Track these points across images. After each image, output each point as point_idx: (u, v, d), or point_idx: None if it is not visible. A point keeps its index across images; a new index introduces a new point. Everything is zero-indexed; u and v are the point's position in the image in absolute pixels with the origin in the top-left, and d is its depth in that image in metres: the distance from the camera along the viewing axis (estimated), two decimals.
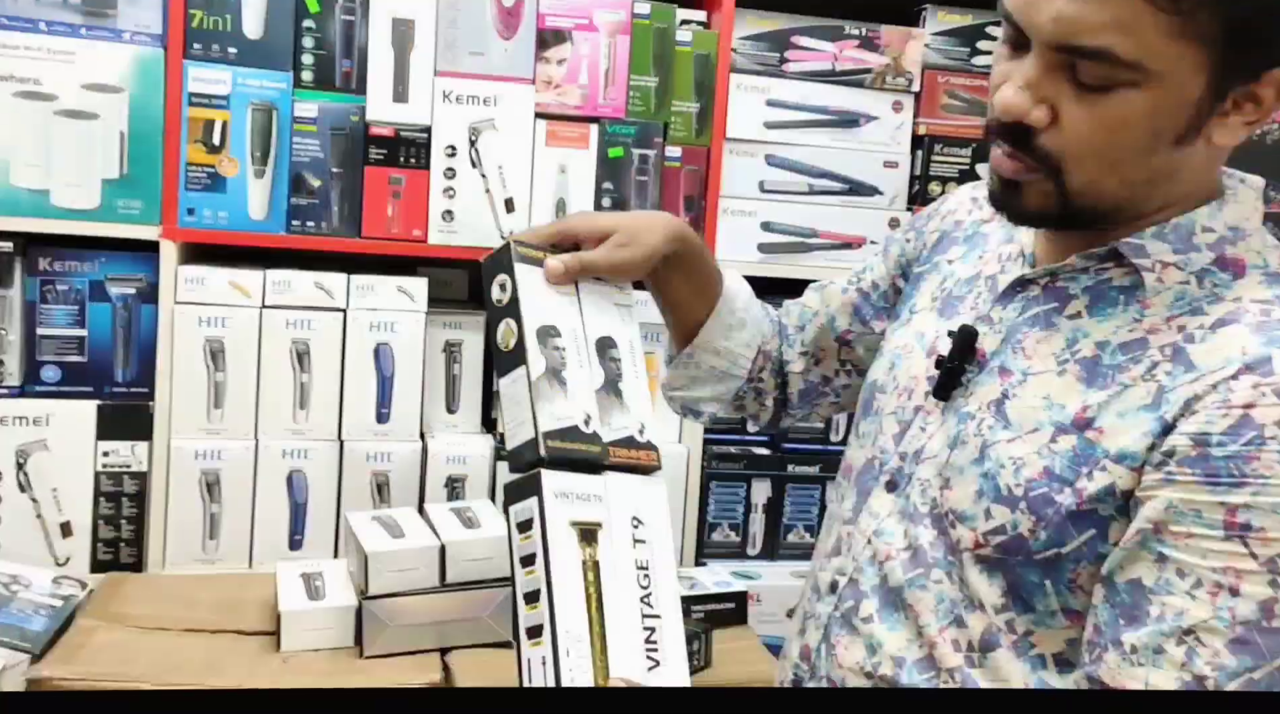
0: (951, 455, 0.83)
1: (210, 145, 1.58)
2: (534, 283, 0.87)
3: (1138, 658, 0.72)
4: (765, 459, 1.86)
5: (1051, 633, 0.79)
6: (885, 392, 0.94)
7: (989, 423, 0.82)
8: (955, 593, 0.82)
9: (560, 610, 0.77)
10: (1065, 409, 0.78)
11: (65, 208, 1.54)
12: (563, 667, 0.76)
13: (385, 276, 1.66)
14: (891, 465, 0.89)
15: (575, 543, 0.80)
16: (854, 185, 1.85)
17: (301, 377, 1.63)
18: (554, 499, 0.79)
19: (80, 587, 1.44)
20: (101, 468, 1.59)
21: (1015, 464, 0.79)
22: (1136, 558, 0.73)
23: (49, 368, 1.57)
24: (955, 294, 0.93)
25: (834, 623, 0.90)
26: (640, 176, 1.74)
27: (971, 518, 0.81)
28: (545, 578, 0.78)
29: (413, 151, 1.66)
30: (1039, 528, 0.77)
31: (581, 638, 0.77)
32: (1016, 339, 0.83)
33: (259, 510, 1.63)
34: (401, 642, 1.35)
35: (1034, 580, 0.78)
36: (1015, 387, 0.82)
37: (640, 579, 0.83)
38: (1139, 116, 0.72)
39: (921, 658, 0.83)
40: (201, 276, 1.59)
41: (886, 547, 0.87)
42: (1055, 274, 0.83)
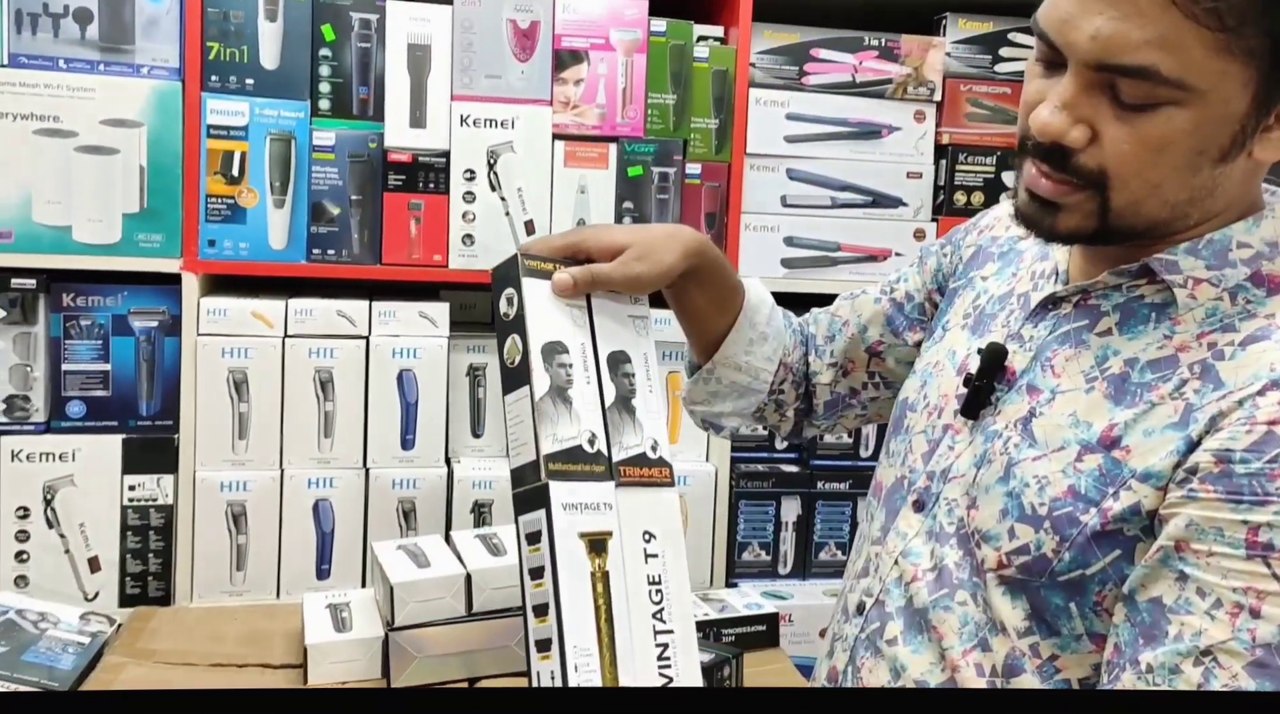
0: (978, 474, 0.82)
1: (229, 176, 1.58)
2: (542, 297, 0.86)
3: (1153, 678, 0.70)
4: (794, 476, 1.83)
5: (1077, 657, 0.77)
6: (915, 410, 0.92)
7: (1015, 441, 0.80)
8: (980, 615, 0.80)
9: (569, 624, 0.76)
10: (1092, 427, 0.76)
11: (87, 243, 1.54)
12: (571, 681, 0.75)
13: (407, 302, 1.66)
14: (919, 485, 0.88)
15: (584, 555, 0.79)
16: (877, 197, 1.82)
17: (325, 405, 1.63)
18: (562, 511, 0.78)
19: (108, 622, 1.44)
20: (128, 502, 1.58)
21: (1040, 483, 0.77)
22: (1157, 576, 0.71)
23: (74, 403, 1.58)
24: (988, 312, 0.91)
25: (860, 645, 0.88)
26: (661, 194, 1.72)
27: (995, 538, 0.79)
28: (554, 591, 0.77)
29: (431, 176, 1.65)
30: (1063, 548, 0.75)
31: (590, 651, 0.76)
32: (1046, 357, 0.82)
33: (285, 540, 1.63)
34: (429, 673, 1.33)
35: (1058, 603, 0.76)
36: (1043, 405, 0.80)
37: (652, 594, 0.82)
38: (1182, 135, 0.71)
39: (944, 681, 0.81)
40: (223, 308, 1.59)
41: (913, 567, 0.85)
42: (1087, 292, 0.82)
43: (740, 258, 1.76)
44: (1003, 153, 1.84)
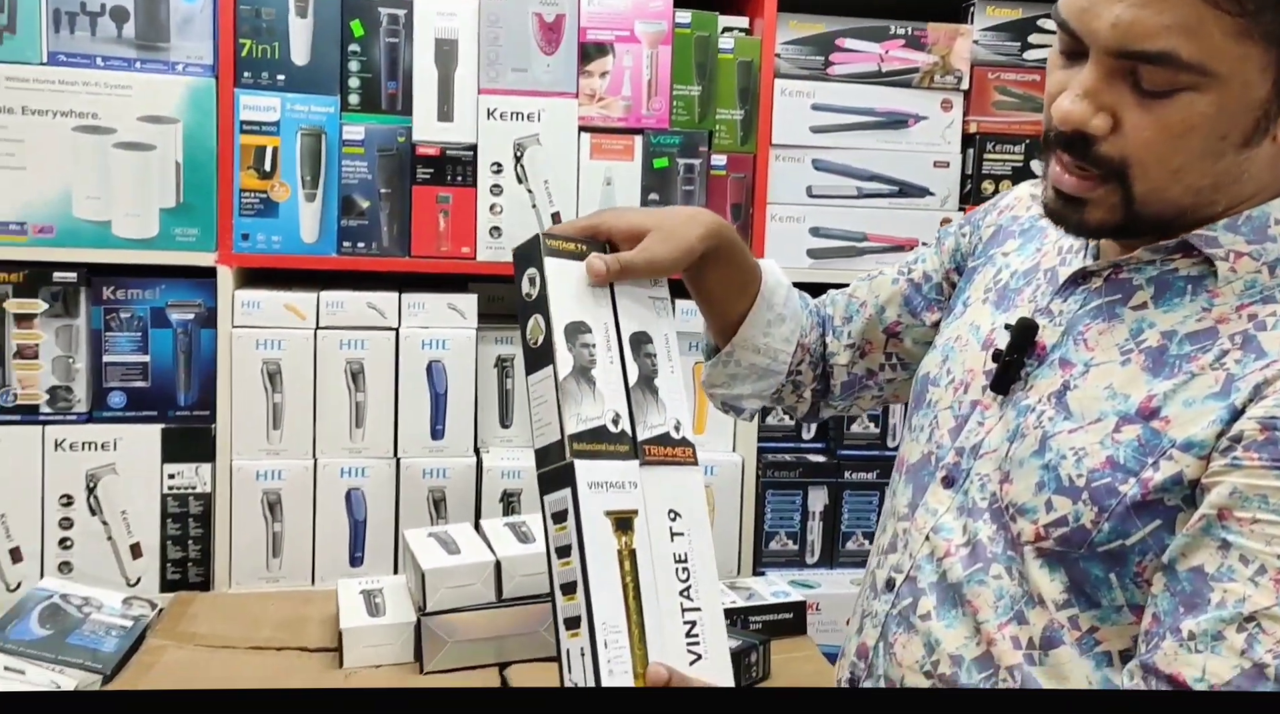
0: (1011, 449, 0.82)
1: (262, 171, 1.61)
2: (563, 277, 0.86)
3: (1196, 644, 0.70)
4: (821, 466, 1.84)
5: (1117, 629, 0.77)
6: (938, 385, 0.92)
7: (1049, 415, 0.80)
8: (1015, 589, 0.80)
9: (597, 602, 0.76)
10: (1130, 399, 0.76)
11: (126, 237, 1.58)
12: (601, 658, 0.75)
13: (436, 294, 1.68)
14: (948, 460, 0.88)
15: (610, 532, 0.79)
16: (904, 187, 1.82)
17: (357, 396, 1.66)
18: (588, 490, 0.79)
19: (150, 607, 1.48)
20: (168, 490, 1.63)
21: (1077, 454, 0.77)
22: (1199, 545, 0.71)
23: (115, 394, 1.62)
24: (1012, 287, 0.91)
25: (891, 621, 0.89)
26: (686, 186, 1.73)
27: (1032, 510, 0.79)
28: (581, 569, 0.77)
29: (459, 170, 1.67)
30: (1102, 519, 0.75)
31: (619, 628, 0.77)
32: (1078, 331, 0.82)
33: (319, 528, 1.66)
34: (460, 657, 1.36)
35: (1098, 574, 0.77)
36: (1077, 378, 0.80)
37: (679, 572, 0.82)
38: (1204, 120, 0.71)
39: (980, 655, 0.82)
40: (257, 300, 1.62)
41: (945, 543, 0.86)
42: (1119, 266, 0.82)
43: (766, 249, 1.77)
44: (1031, 141, 1.83)
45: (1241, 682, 0.68)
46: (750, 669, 1.42)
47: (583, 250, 0.88)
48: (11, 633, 1.29)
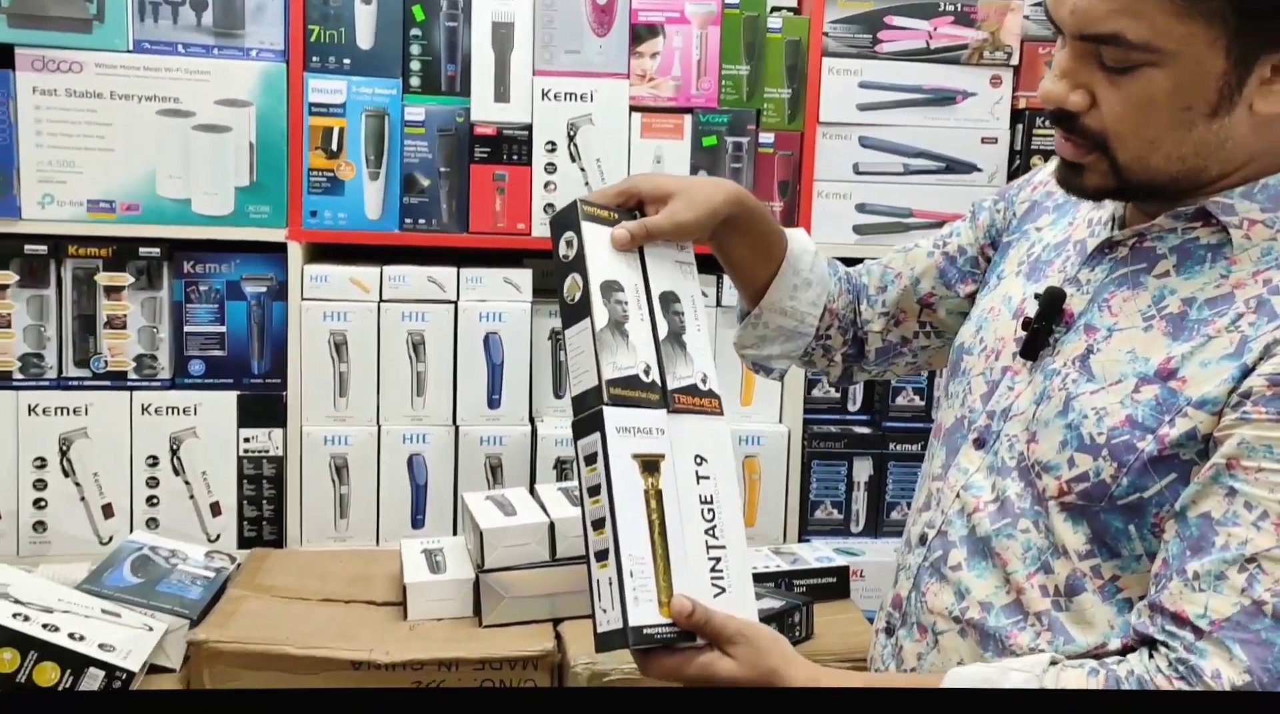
0: (1038, 411, 0.87)
1: (329, 151, 1.70)
2: (599, 240, 0.92)
3: (1199, 584, 0.75)
4: (867, 437, 1.88)
5: (1137, 577, 0.82)
6: (972, 353, 0.97)
7: (1073, 377, 0.85)
8: (1042, 541, 0.85)
9: (623, 535, 0.82)
10: (1150, 361, 0.81)
11: (204, 214, 1.68)
12: (627, 587, 0.81)
13: (493, 269, 1.75)
14: (980, 424, 0.92)
15: (637, 473, 0.84)
16: (951, 163, 1.84)
17: (418, 366, 1.74)
18: (616, 434, 0.84)
19: (230, 560, 1.58)
20: (243, 453, 1.73)
21: (1098, 414, 0.82)
22: (1208, 493, 0.76)
23: (195, 362, 1.72)
24: (1043, 259, 0.95)
25: (924, 572, 0.94)
26: (734, 164, 1.78)
27: (1056, 467, 0.84)
28: (609, 506, 0.82)
29: (515, 149, 1.74)
30: (1121, 474, 0.80)
31: (644, 560, 0.82)
32: (1103, 298, 0.86)
33: (383, 491, 1.75)
34: (517, 612, 1.44)
35: (1118, 526, 0.81)
36: (1100, 342, 0.85)
37: (704, 513, 0.88)
38: (1164, 93, 0.77)
39: (1010, 603, 0.87)
40: (325, 274, 1.71)
41: (975, 499, 0.90)
42: (1143, 235, 0.86)
43: (813, 225, 1.81)
44: None
45: (1240, 618, 0.73)
46: (794, 629, 1.48)
47: (614, 218, 0.94)
48: (107, 580, 1.40)
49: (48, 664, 1.18)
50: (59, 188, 1.64)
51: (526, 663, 1.36)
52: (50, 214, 1.64)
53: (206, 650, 1.31)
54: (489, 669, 1.36)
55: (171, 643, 1.34)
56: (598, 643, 0.83)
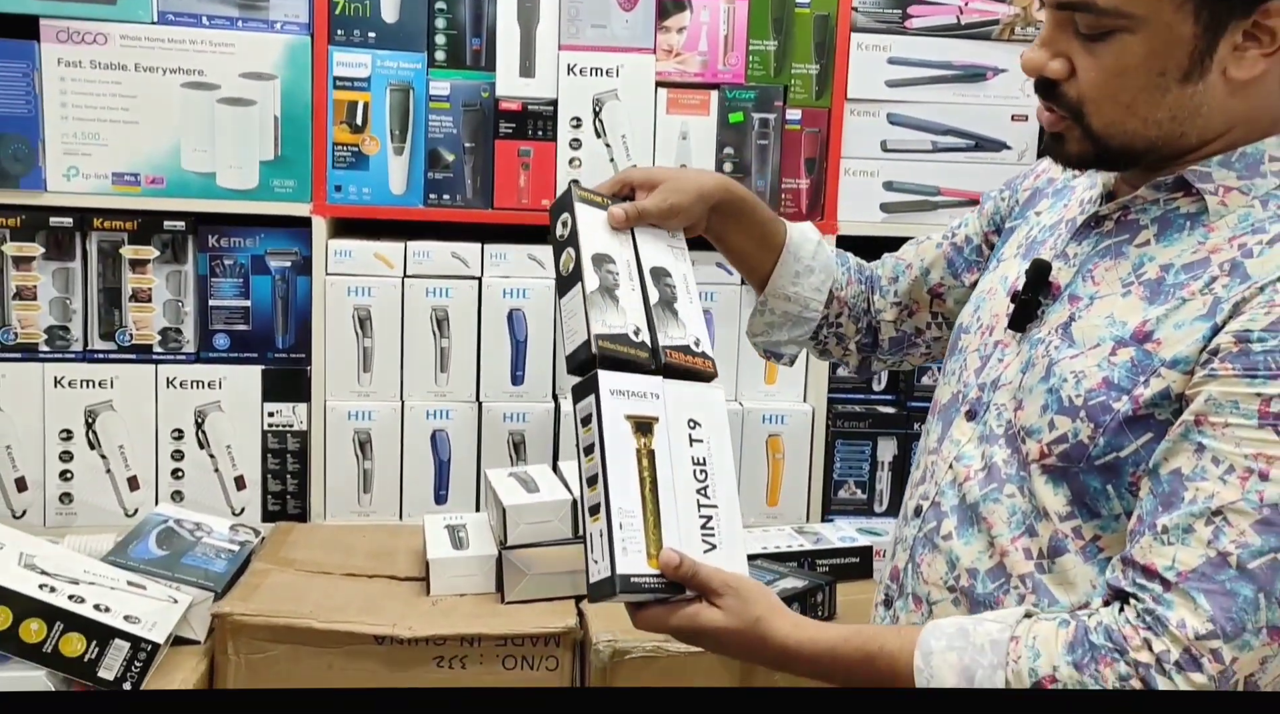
0: (1023, 379, 0.89)
1: (354, 125, 1.69)
2: (592, 220, 0.96)
3: (1168, 537, 0.76)
4: (891, 417, 1.86)
5: (1118, 536, 0.83)
6: (969, 332, 1.00)
7: (1055, 344, 0.87)
8: (1026, 505, 0.87)
9: (614, 489, 0.84)
10: (1126, 325, 0.83)
11: (229, 188, 1.67)
12: (616, 539, 0.83)
13: (517, 245, 1.74)
14: (971, 396, 0.95)
15: (630, 433, 0.86)
16: (980, 141, 1.82)
17: (441, 342, 1.74)
18: (610, 396, 0.86)
19: (254, 534, 1.59)
20: (268, 427, 1.73)
21: (1076, 377, 0.84)
22: (1178, 450, 0.78)
23: (220, 336, 1.72)
24: (1038, 239, 0.98)
25: (918, 544, 0.95)
26: (761, 140, 1.76)
27: (1037, 431, 0.86)
28: (601, 464, 0.85)
29: (540, 124, 1.72)
30: (1098, 434, 0.82)
31: (634, 514, 0.85)
32: (1088, 269, 0.89)
33: (406, 467, 1.75)
34: (538, 589, 1.44)
35: (1096, 486, 0.83)
36: (1082, 310, 0.87)
37: (697, 474, 0.90)
38: (1136, 59, 0.80)
39: (994, 566, 0.88)
40: (349, 249, 1.71)
41: (965, 469, 0.92)
42: (1127, 208, 0.88)
43: (839, 202, 1.79)
44: None
45: (1206, 569, 0.74)
46: (816, 609, 1.48)
47: (607, 202, 0.98)
48: (133, 552, 1.40)
49: (74, 635, 1.19)
50: (84, 160, 1.64)
51: (549, 640, 1.36)
52: (75, 187, 1.64)
53: (231, 623, 1.32)
54: (511, 645, 1.36)
55: (196, 615, 1.35)
56: (590, 593, 0.85)
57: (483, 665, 1.36)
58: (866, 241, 1.82)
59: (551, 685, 1.36)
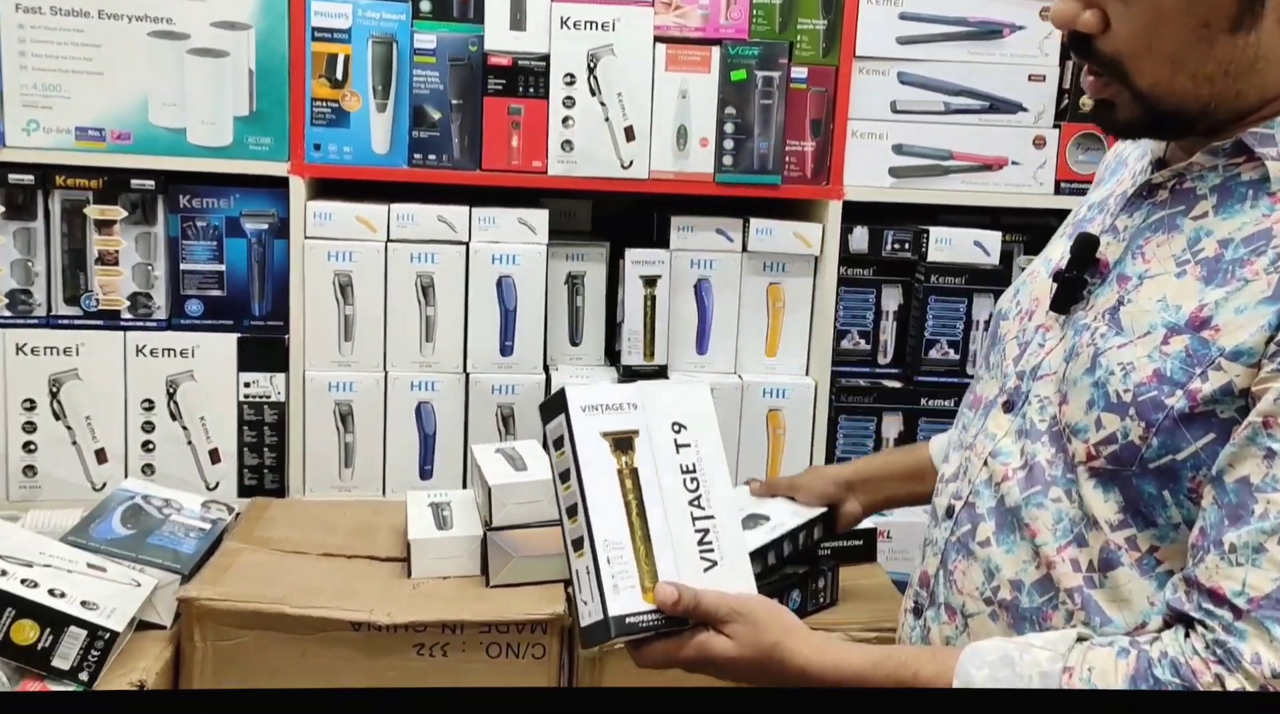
0: (1068, 369, 0.81)
1: (334, 80, 1.59)
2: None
3: (1236, 557, 0.69)
4: (897, 392, 1.79)
5: (1177, 547, 0.75)
6: (1008, 317, 0.92)
7: (1102, 331, 0.79)
8: (1075, 511, 0.79)
9: (596, 520, 0.78)
10: (1181, 310, 0.75)
11: (200, 146, 1.58)
12: (605, 576, 0.76)
13: (507, 209, 1.66)
14: (1009, 386, 0.87)
15: (608, 453, 0.80)
16: (995, 102, 1.73)
17: (427, 310, 1.65)
18: (581, 413, 0.80)
19: (227, 511, 1.51)
20: (244, 398, 1.65)
21: (1124, 369, 0.76)
22: (1245, 455, 0.70)
23: (193, 302, 1.64)
24: (1086, 218, 0.90)
25: (951, 548, 0.88)
26: (764, 100, 1.66)
27: (1084, 430, 0.78)
28: (579, 490, 0.78)
29: (531, 81, 1.63)
30: (1150, 434, 0.74)
31: (622, 545, 0.78)
32: (1138, 244, 0.81)
33: (390, 441, 1.68)
34: (526, 572, 1.37)
35: (1151, 492, 0.75)
36: (1130, 292, 0.79)
37: (687, 483, 0.83)
38: (1174, 6, 0.73)
39: (1040, 579, 0.81)
40: (329, 211, 1.62)
41: (1003, 467, 0.85)
42: (1182, 176, 0.80)
43: (846, 166, 1.70)
44: None
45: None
46: (818, 595, 1.41)
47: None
48: (95, 532, 1.33)
49: (26, 622, 1.11)
50: (45, 114, 1.54)
51: (535, 626, 1.29)
52: (36, 142, 1.55)
53: (198, 608, 1.25)
54: (495, 632, 1.29)
55: (162, 599, 1.27)
56: (582, 638, 0.79)
57: (465, 653, 1.29)
58: (874, 207, 1.75)
59: (538, 674, 1.29)
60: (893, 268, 1.77)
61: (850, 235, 1.73)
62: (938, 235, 1.74)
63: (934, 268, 1.74)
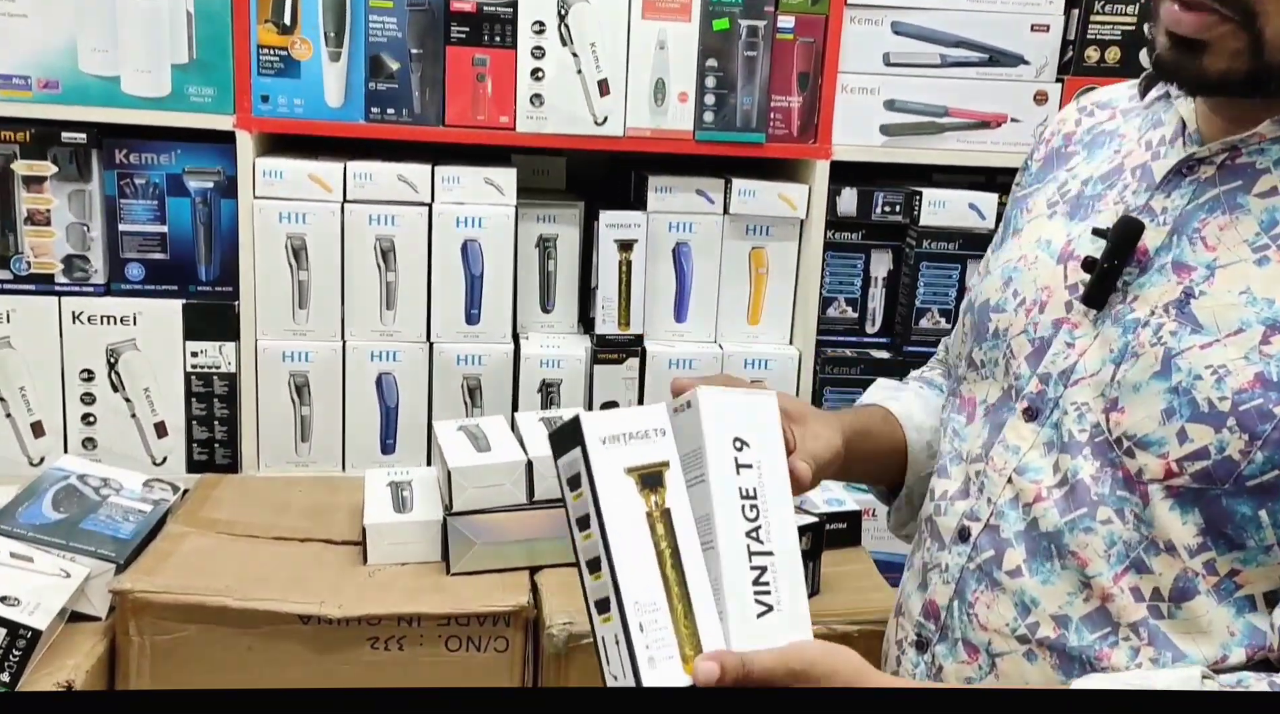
0: (1119, 372, 0.71)
1: (281, 25, 1.47)
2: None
3: None
4: (885, 363, 1.70)
5: (1263, 571, 0.67)
6: (1005, 310, 0.82)
7: (1170, 328, 0.70)
8: (1131, 534, 0.70)
9: (625, 577, 0.65)
10: (1276, 303, 0.66)
11: (136, 96, 1.46)
12: (636, 645, 0.64)
13: (472, 167, 1.55)
14: (1029, 390, 0.77)
15: (635, 493, 0.67)
16: (995, 54, 1.62)
17: (387, 276, 1.55)
18: (600, 446, 0.67)
19: (173, 490, 1.42)
20: (191, 368, 1.55)
21: (1216, 373, 0.67)
22: None
23: (133, 266, 1.53)
24: (1088, 194, 0.80)
25: (969, 576, 0.79)
26: (749, 51, 1.55)
27: (1158, 443, 0.69)
28: (602, 540, 0.66)
29: (497, 29, 1.51)
30: (1254, 447, 0.65)
31: (656, 606, 0.66)
32: (1192, 228, 0.71)
33: (349, 414, 1.58)
34: (489, 559, 1.28)
35: (1245, 512, 0.67)
36: (1200, 283, 0.69)
37: (746, 510, 0.71)
38: None
39: (1091, 612, 0.72)
40: (279, 169, 1.50)
41: (1033, 486, 0.75)
42: (1236, 149, 0.70)
43: (835, 123, 1.60)
44: (1147, 1, 1.61)
45: None
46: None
47: None
48: (22, 516, 1.23)
49: None
50: None
51: (498, 619, 1.21)
52: None
53: (133, 601, 1.16)
54: (455, 625, 1.21)
55: (95, 589, 1.18)
56: None
57: (423, 647, 1.21)
58: (864, 167, 1.65)
59: (500, 668, 1.21)
60: (882, 232, 1.68)
61: (838, 197, 1.63)
62: (931, 197, 1.65)
63: (926, 232, 1.64)
